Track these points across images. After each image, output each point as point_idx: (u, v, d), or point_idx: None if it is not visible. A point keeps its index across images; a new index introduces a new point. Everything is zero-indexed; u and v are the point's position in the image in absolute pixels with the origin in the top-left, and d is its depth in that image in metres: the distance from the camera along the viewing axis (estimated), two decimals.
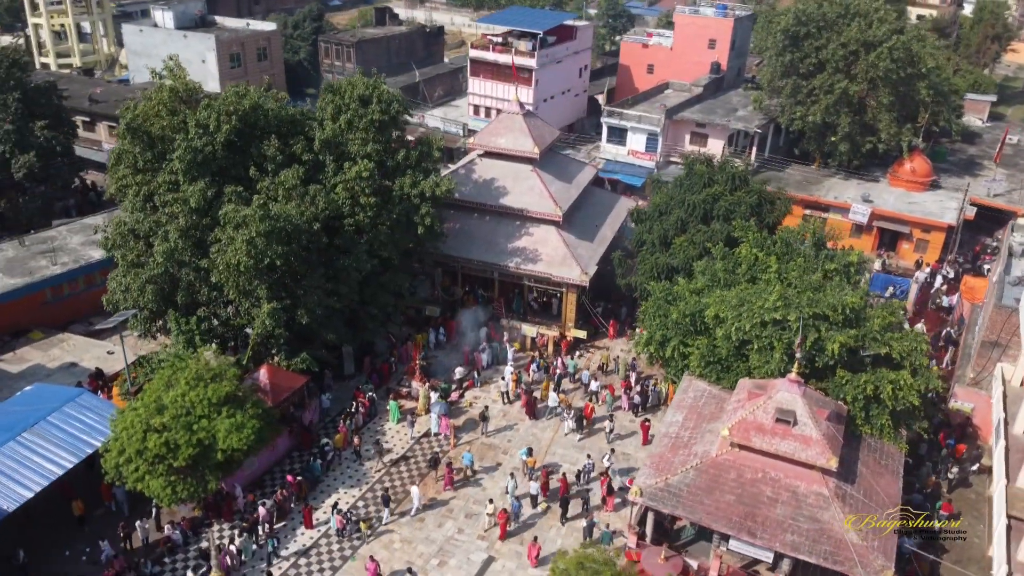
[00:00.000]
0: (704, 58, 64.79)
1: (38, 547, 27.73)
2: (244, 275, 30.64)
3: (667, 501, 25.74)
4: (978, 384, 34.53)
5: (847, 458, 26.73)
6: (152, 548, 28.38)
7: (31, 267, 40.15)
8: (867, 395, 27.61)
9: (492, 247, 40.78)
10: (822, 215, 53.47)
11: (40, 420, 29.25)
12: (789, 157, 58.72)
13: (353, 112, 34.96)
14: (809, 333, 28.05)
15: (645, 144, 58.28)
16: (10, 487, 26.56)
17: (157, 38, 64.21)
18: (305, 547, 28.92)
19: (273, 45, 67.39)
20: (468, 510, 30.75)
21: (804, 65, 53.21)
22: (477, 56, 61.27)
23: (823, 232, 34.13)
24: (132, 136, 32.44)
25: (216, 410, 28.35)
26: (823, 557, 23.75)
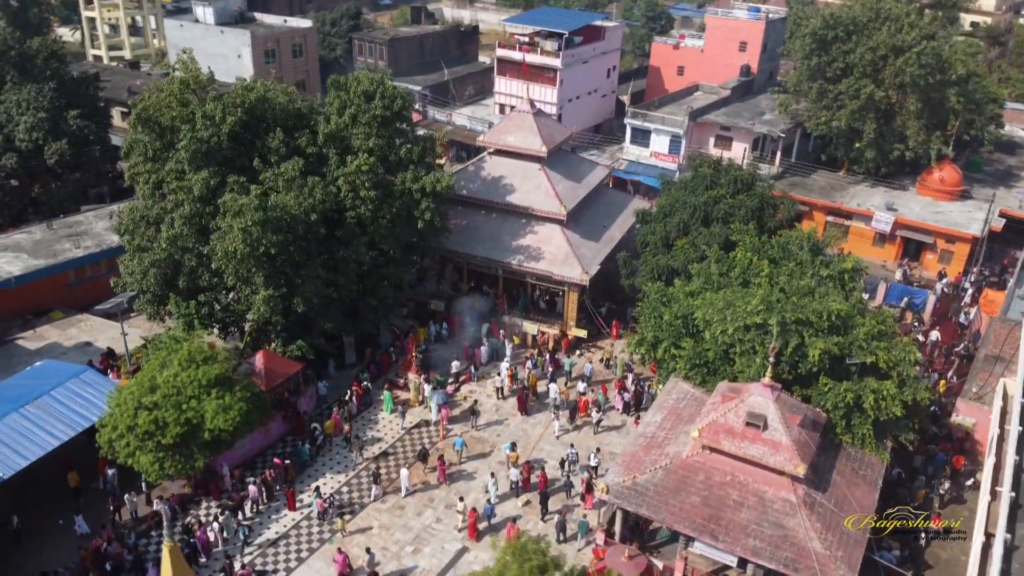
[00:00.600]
0: (735, 60, 64.13)
1: (34, 514, 29.11)
2: (241, 262, 31.59)
3: (633, 499, 25.77)
4: (981, 399, 33.56)
5: (821, 466, 26.42)
6: (141, 521, 29.52)
7: (56, 250, 41.98)
8: (848, 404, 27.18)
9: (497, 244, 41.17)
10: (845, 222, 52.61)
11: (44, 394, 30.65)
12: (817, 163, 57.78)
13: (357, 107, 35.71)
14: (791, 338, 27.74)
15: (668, 146, 57.91)
16: (8, 455, 27.91)
17: (196, 33, 66.28)
18: (286, 527, 29.76)
19: (308, 42, 68.91)
20: (449, 501, 31.17)
21: (831, 69, 52.29)
22: (504, 55, 61.73)
23: (818, 238, 33.54)
24: (143, 126, 33.74)
25: (206, 391, 29.33)
26: (783, 564, 23.52)
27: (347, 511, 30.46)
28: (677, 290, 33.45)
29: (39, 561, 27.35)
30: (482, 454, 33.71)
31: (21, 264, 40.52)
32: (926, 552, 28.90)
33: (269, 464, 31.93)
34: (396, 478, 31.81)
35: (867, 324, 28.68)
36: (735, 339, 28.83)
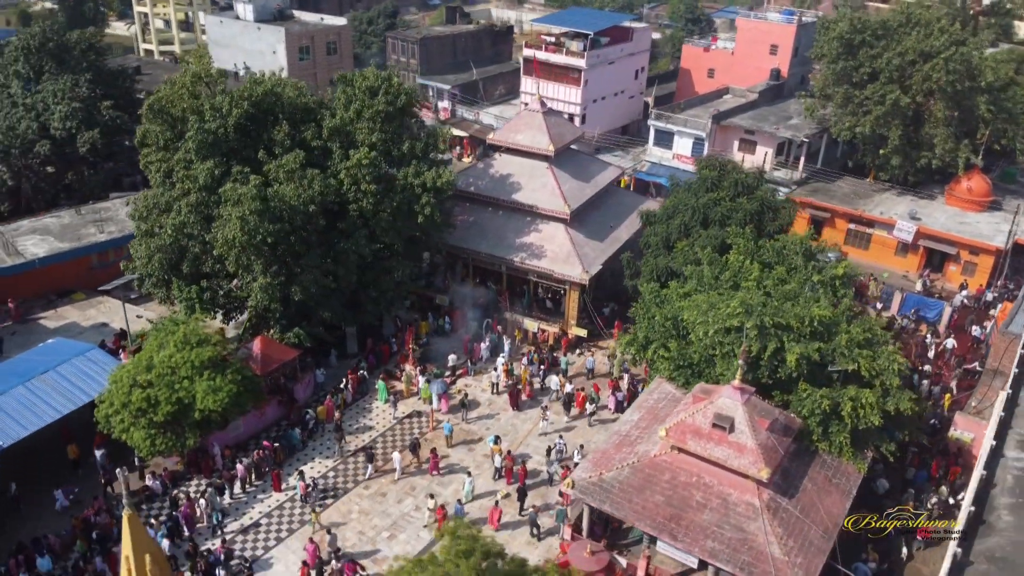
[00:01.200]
0: (765, 64, 63.32)
1: (34, 483, 30.57)
2: (240, 250, 32.64)
3: (597, 496, 25.92)
4: (980, 413, 32.70)
5: (792, 472, 26.18)
6: (132, 495, 30.67)
7: (81, 234, 43.86)
8: (824, 411, 26.85)
9: (501, 241, 41.58)
10: (867, 230, 51.62)
11: (50, 369, 32.20)
12: (844, 170, 56.75)
13: (361, 102, 36.51)
14: (769, 342, 27.54)
15: (691, 149, 57.56)
16: (10, 425, 29.42)
17: (235, 29, 68.29)
18: (270, 508, 30.69)
19: (343, 40, 70.32)
20: (429, 490, 31.70)
21: (858, 74, 51.26)
22: (530, 55, 62.07)
23: (811, 243, 33.07)
24: (154, 116, 35.12)
25: (198, 372, 30.42)
26: (740, 567, 23.40)
27: (330, 495, 31.27)
28: (671, 292, 33.44)
29: (34, 527, 28.77)
30: (469, 441, 34.22)
31: (47, 246, 42.48)
32: (907, 566, 28.34)
33: (260, 446, 32.89)
34: (390, 460, 32.60)
35: (852, 331, 28.25)
36: (714, 341, 28.75)
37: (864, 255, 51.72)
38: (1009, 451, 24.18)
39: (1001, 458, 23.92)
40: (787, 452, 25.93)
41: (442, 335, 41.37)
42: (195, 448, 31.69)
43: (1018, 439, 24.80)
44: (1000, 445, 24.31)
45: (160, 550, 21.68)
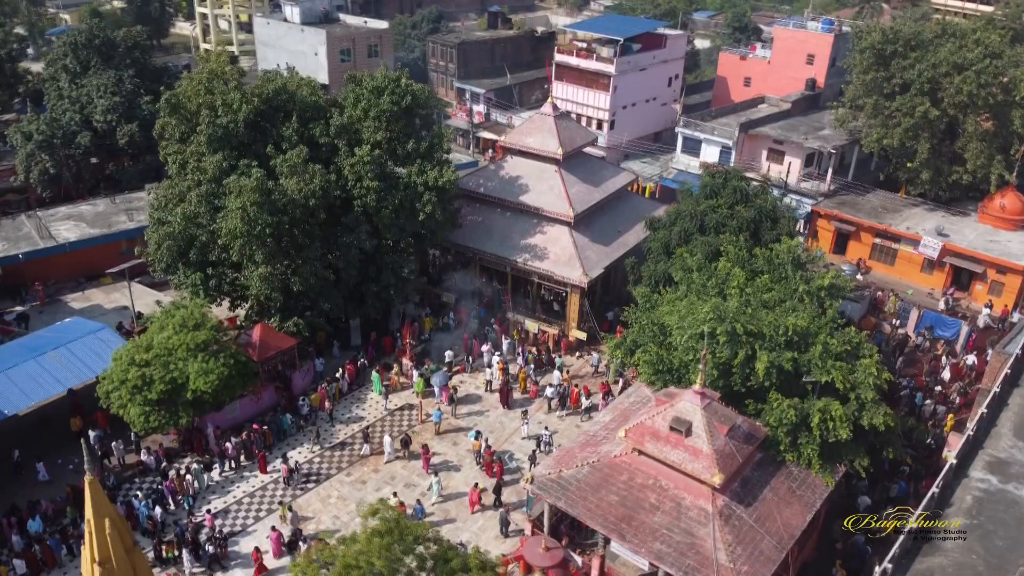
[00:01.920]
0: (802, 74, 62.29)
1: (39, 451, 32.43)
2: (242, 239, 34.00)
3: (554, 492, 26.19)
4: None
5: (752, 480, 25.98)
6: (127, 468, 32.40)
7: (112, 221, 46.20)
8: (791, 421, 26.54)
9: (506, 242, 42.12)
10: (892, 245, 50.30)
11: (61, 346, 34.14)
12: (876, 183, 55.41)
13: (368, 101, 37.59)
14: (740, 349, 27.39)
15: (718, 157, 57.05)
16: (17, 395, 31.35)
17: (280, 31, 70.68)
18: (254, 488, 31.89)
19: (384, 43, 71.99)
20: (408, 480, 32.47)
21: (889, 85, 50.07)
22: (561, 60, 62.51)
23: (801, 253, 32.60)
24: (171, 111, 36.89)
25: (193, 354, 31.88)
26: (683, 571, 23.36)
27: (312, 480, 32.31)
28: (662, 297, 33.44)
29: (32, 492, 30.56)
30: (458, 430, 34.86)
31: (79, 232, 44.90)
32: None
33: (251, 429, 34.15)
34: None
35: (830, 342, 27.83)
36: (689, 346, 28.70)
37: (890, 271, 50.48)
38: (976, 471, 23.50)
39: (964, 478, 23.26)
40: (748, 460, 25.75)
41: (446, 332, 42.09)
42: (190, 427, 33.19)
43: (988, 459, 24.07)
44: (967, 465, 23.62)
45: (120, 515, 22.77)
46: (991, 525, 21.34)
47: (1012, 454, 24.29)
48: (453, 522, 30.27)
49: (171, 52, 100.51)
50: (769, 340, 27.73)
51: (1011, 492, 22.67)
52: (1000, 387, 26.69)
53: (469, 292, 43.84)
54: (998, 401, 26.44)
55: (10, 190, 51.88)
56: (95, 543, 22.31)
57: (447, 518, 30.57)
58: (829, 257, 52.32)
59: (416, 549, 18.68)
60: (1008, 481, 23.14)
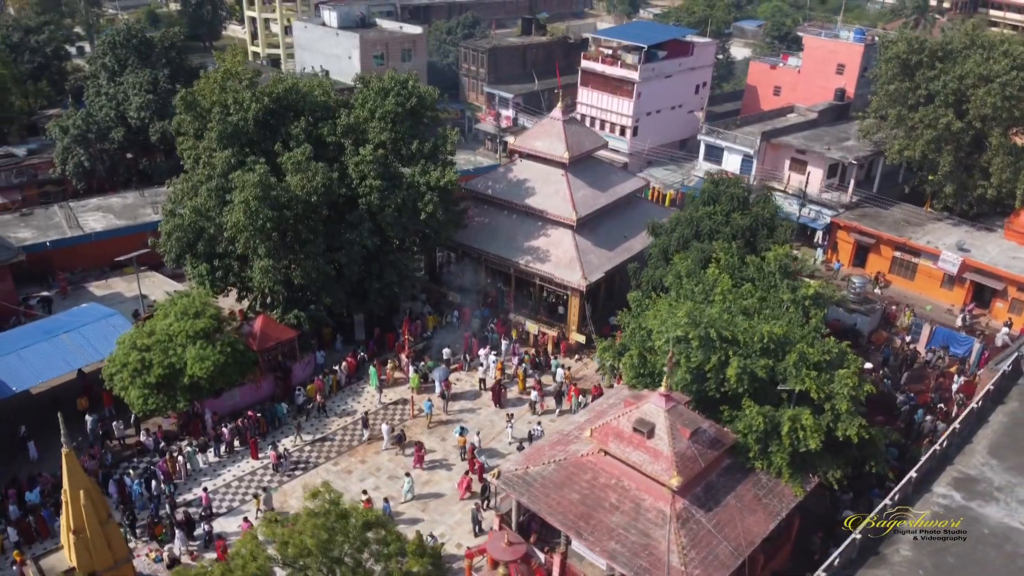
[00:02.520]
0: (832, 83, 61.43)
1: (46, 428, 34.05)
2: (247, 233, 35.22)
3: (518, 488, 26.54)
4: None
5: (716, 485, 25.93)
6: (126, 448, 33.83)
7: (138, 213, 48.16)
8: (760, 429, 26.41)
9: (510, 243, 42.61)
10: (912, 259, 49.24)
11: (74, 329, 35.84)
12: (902, 196, 54.26)
13: (373, 102, 38.55)
14: (713, 354, 27.38)
15: (740, 165, 56.66)
16: (26, 373, 33.06)
17: (317, 34, 72.58)
18: (243, 472, 32.99)
19: (418, 47, 73.28)
20: (393, 472, 33.19)
21: (913, 96, 49.09)
22: (587, 67, 62.84)
23: (789, 262, 32.27)
24: (186, 108, 38.44)
25: (192, 341, 33.19)
26: (635, 571, 23.47)
27: (300, 467, 33.28)
28: (653, 302, 33.54)
29: (36, 466, 32.17)
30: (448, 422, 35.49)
31: (105, 223, 46.94)
32: None
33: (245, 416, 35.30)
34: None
35: (807, 351, 27.56)
36: (666, 350, 28.75)
37: (909, 285, 49.47)
38: (939, 487, 23.08)
39: (927, 493, 22.87)
40: (712, 465, 25.71)
41: (449, 330, 42.75)
42: (190, 411, 34.51)
43: (956, 475, 23.61)
44: (931, 479, 23.22)
45: (95, 486, 23.99)
46: (946, 542, 20.97)
47: (982, 472, 23.77)
48: (427, 516, 30.79)
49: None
50: (744, 346, 27.67)
51: (973, 510, 22.22)
52: (981, 403, 26.11)
53: (474, 292, 44.50)
54: (977, 417, 25.85)
55: (49, 182, 54.48)
56: (70, 513, 23.63)
57: (425, 511, 31.16)
58: (847, 270, 51.55)
59: (355, 531, 19.25)
60: (972, 499, 22.67)
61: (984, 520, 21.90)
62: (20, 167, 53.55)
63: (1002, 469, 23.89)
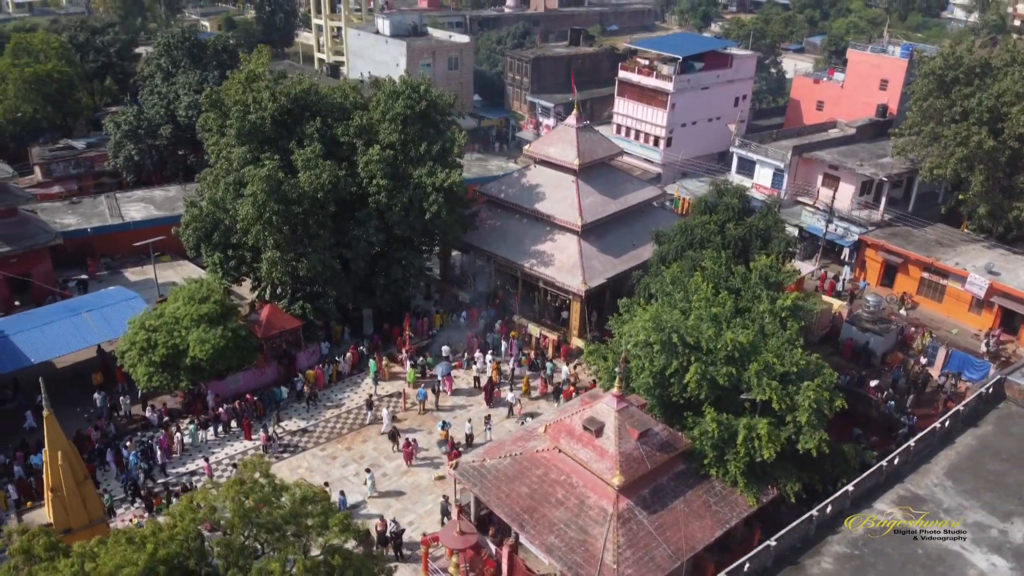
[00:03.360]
0: (874, 99, 60.02)
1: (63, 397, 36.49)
2: (258, 225, 37.06)
3: (473, 479, 27.22)
4: None
5: (666, 489, 26.06)
6: (132, 422, 35.99)
7: (176, 205, 50.88)
8: (714, 436, 26.40)
9: (518, 247, 43.31)
10: (940, 281, 47.68)
11: (96, 309, 38.38)
12: (938, 216, 52.58)
13: (385, 105, 39.98)
14: (675, 360, 27.50)
15: (771, 179, 56.01)
16: (47, 346, 35.63)
17: (368, 42, 75.05)
18: (236, 451, 34.67)
19: (464, 56, 74.88)
20: (372, 460, 34.31)
21: (949, 113, 47.63)
22: (624, 77, 63.08)
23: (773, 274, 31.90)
24: (211, 106, 40.70)
25: (196, 324, 35.15)
26: (568, 566, 23.86)
27: (288, 450, 34.75)
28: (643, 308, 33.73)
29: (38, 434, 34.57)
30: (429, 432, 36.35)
31: (145, 213, 49.86)
32: None
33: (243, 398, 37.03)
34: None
35: (773, 362, 27.37)
36: (635, 354, 29.01)
37: (937, 307, 47.92)
38: (881, 503, 22.66)
39: (866, 508, 22.47)
40: (661, 467, 25.84)
41: (456, 329, 43.72)
42: (195, 391, 36.48)
43: (902, 493, 23.11)
44: (875, 495, 22.80)
45: (73, 448, 25.72)
46: (872, 558, 20.64)
47: (932, 492, 23.18)
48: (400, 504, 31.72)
49: (284, 59, 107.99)
50: (708, 353, 27.67)
51: (912, 529, 21.73)
52: (948, 423, 25.43)
53: (483, 293, 45.37)
54: (942, 438, 25.18)
55: (105, 173, 58.12)
56: (49, 472, 25.49)
57: (399, 499, 32.11)
58: (874, 289, 50.20)
59: (292, 503, 20.33)
60: (915, 517, 22.17)
61: (922, 541, 21.39)
62: (78, 159, 57.32)
63: (955, 491, 23.20)
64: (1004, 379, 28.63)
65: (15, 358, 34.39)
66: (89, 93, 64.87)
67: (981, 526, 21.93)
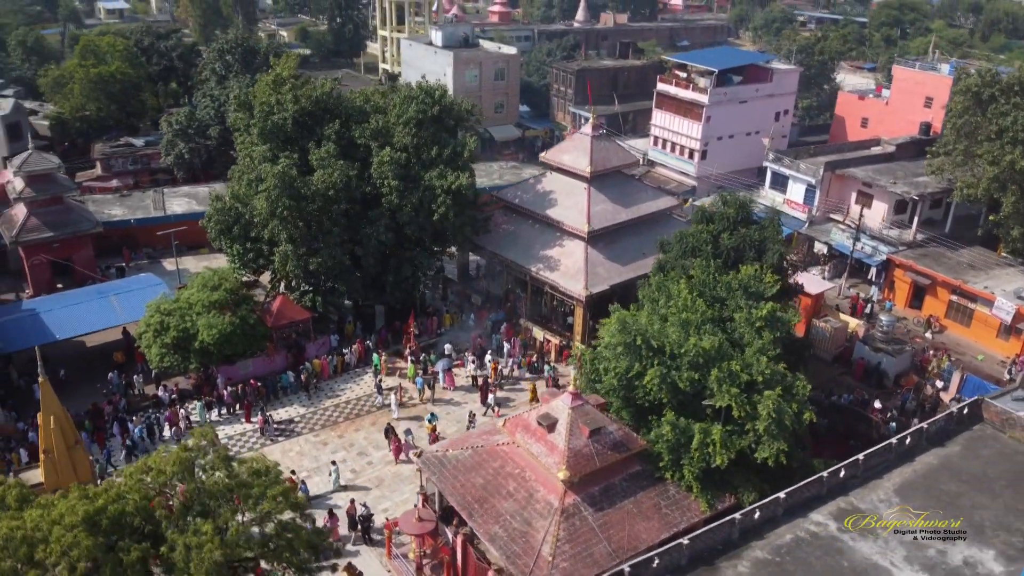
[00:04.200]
0: (919, 116, 58.34)
1: (90, 373, 39.23)
2: (275, 220, 39.02)
3: (433, 468, 28.05)
4: None
5: (616, 488, 26.32)
6: (144, 399, 38.33)
7: None
8: (670, 439, 26.55)
9: (527, 251, 44.07)
10: (969, 305, 46.04)
11: (123, 293, 41.13)
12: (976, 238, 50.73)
13: (399, 108, 41.52)
14: (636, 362, 27.79)
15: (803, 195, 55.15)
16: (73, 325, 38.43)
17: (419, 52, 77.24)
18: (235, 432, 36.51)
19: (511, 67, 76.19)
20: (361, 448, 35.59)
21: (983, 132, 46.10)
22: (662, 89, 63.15)
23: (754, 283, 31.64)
24: (239, 107, 43.06)
25: (207, 310, 37.29)
26: (507, 555, 24.40)
27: (283, 434, 36.39)
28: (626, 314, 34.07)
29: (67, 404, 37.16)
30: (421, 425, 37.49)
31: (186, 207, 52.84)
32: None
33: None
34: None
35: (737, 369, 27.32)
36: (602, 356, 29.43)
37: (964, 332, 46.30)
38: (817, 514, 22.47)
39: (800, 518, 22.31)
40: (613, 467, 26.12)
41: (464, 329, 44.77)
42: (205, 374, 38.58)
43: (842, 506, 22.82)
44: (812, 506, 22.61)
45: (65, 413, 27.81)
46: (792, 566, 20.52)
47: (876, 507, 22.81)
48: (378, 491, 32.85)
49: (350, 68, 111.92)
50: (672, 358, 27.83)
51: (842, 542, 21.45)
52: (910, 439, 24.95)
53: (495, 295, 46.27)
54: (901, 454, 24.71)
55: (160, 170, 61.79)
56: (42, 435, 27.68)
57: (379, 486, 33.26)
58: (901, 310, 48.80)
59: (247, 473, 21.74)
60: (848, 531, 21.87)
61: (850, 554, 21.06)
62: (136, 155, 61.12)
63: (901, 509, 22.74)
64: (982, 400, 27.70)
65: (41, 333, 37.18)
66: (153, 94, 69.10)
67: (920, 545, 21.43)
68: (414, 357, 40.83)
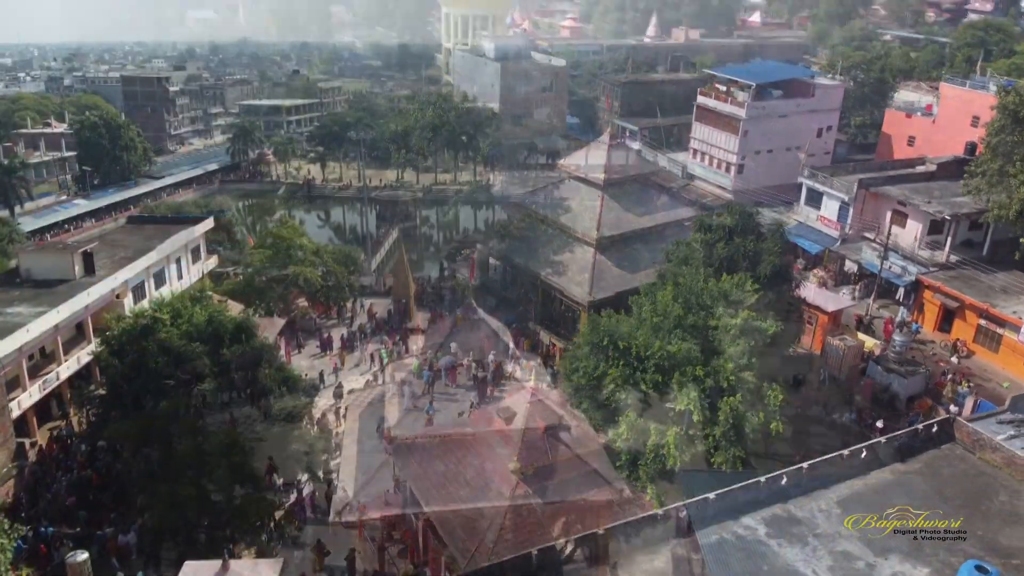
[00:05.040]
0: (966, 135, 56.41)
1: None
2: None
3: (401, 452, 29.18)
4: None
5: (570, 483, 26.78)
6: None
7: None
8: (630, 440, 26.99)
9: (538, 256, 44.95)
10: (998, 330, 44.36)
11: None
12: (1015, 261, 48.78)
13: (418, 114, 43.32)
14: (602, 363, 28.37)
15: (837, 212, 54.17)
16: None
17: (470, 63, 79.15)
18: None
19: (559, 79, 77.25)
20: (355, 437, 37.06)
21: (1020, 151, 44.47)
22: (702, 103, 63.00)
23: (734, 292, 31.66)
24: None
25: None
26: (452, 540, 25.22)
27: None
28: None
29: None
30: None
31: None
32: None
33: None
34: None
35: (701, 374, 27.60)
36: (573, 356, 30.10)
37: (992, 358, 44.61)
38: (749, 518, 22.47)
39: (730, 520, 22.39)
40: (565, 461, 26.66)
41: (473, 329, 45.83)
42: None
43: (777, 513, 22.72)
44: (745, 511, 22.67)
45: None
46: (711, 567, 20.67)
47: (813, 516, 22.60)
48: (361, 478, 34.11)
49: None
50: (640, 360, 28.26)
51: (768, 547, 21.37)
52: (865, 454, 24.67)
53: (511, 299, 47.25)
54: (855, 467, 24.45)
55: None
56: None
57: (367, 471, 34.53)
58: (929, 333, 47.31)
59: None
60: (777, 536, 21.80)
61: (772, 558, 21.01)
62: None
63: (839, 520, 22.45)
64: (953, 420, 26.91)
65: None
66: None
67: (849, 556, 21.10)
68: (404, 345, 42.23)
